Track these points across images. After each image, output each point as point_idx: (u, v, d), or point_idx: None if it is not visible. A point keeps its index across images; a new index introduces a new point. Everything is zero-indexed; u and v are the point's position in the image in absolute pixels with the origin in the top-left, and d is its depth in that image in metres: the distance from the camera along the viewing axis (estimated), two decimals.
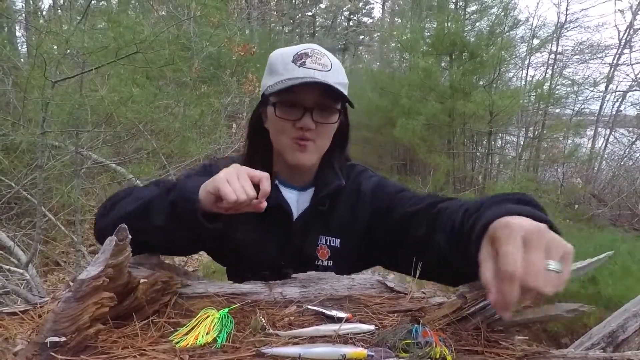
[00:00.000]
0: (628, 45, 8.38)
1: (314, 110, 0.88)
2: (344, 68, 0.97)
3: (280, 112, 0.89)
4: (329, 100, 0.90)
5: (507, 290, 0.45)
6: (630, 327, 0.59)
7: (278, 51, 0.96)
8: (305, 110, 0.88)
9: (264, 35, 9.40)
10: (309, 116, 0.88)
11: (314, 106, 0.88)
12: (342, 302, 0.69)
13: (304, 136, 0.89)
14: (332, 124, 0.92)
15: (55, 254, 3.97)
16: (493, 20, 6.79)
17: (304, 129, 0.88)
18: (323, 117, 0.90)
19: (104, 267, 0.55)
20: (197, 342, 0.56)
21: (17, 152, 3.37)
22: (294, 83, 0.85)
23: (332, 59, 0.92)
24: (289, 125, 0.89)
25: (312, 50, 0.92)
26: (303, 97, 0.88)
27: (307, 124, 0.88)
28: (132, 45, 2.55)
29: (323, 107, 0.89)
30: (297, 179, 0.99)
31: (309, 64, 0.89)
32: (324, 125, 0.90)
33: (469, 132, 7.61)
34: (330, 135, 0.95)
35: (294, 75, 0.88)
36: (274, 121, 0.92)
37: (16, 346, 0.55)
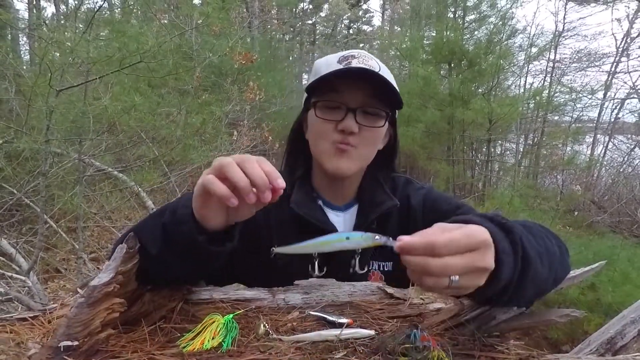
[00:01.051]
0: (625, 53, 8.46)
1: (357, 112, 0.80)
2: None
3: (321, 112, 0.82)
4: (375, 101, 0.81)
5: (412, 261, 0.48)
6: (628, 334, 0.60)
7: (323, 58, 0.89)
8: (348, 111, 0.80)
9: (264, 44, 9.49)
10: (352, 117, 0.80)
11: (358, 107, 0.80)
12: (343, 308, 0.71)
13: (346, 140, 0.80)
14: (377, 127, 0.83)
15: (56, 261, 3.98)
16: (491, 29, 6.86)
17: (345, 132, 0.80)
18: (368, 120, 0.81)
19: (114, 273, 0.57)
20: (204, 347, 0.58)
21: (20, 159, 3.40)
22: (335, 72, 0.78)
23: (380, 64, 0.84)
24: (329, 127, 0.81)
25: (359, 53, 0.85)
26: (347, 96, 0.80)
27: (349, 126, 0.79)
28: (136, 55, 2.59)
29: (368, 109, 0.81)
30: (339, 197, 0.91)
31: (355, 63, 0.80)
32: (369, 129, 0.82)
33: (469, 140, 7.63)
34: (376, 143, 0.85)
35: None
36: (313, 123, 0.84)
37: (29, 350, 0.57)
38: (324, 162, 0.83)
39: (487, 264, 0.49)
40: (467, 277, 0.48)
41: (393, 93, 0.82)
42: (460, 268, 0.47)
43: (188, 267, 0.65)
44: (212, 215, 0.60)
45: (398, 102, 0.84)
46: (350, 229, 0.90)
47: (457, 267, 0.47)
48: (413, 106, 6.77)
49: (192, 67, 4.10)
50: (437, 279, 0.48)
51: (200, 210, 0.60)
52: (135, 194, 3.77)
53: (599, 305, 3.03)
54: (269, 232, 0.89)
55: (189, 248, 0.61)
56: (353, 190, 0.92)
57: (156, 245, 0.62)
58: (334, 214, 0.90)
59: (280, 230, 0.89)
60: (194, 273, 0.70)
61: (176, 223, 0.61)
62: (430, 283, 0.48)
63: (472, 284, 0.49)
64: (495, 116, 6.25)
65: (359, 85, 0.80)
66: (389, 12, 18.87)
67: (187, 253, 0.62)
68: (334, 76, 0.79)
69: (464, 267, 0.47)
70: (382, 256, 0.88)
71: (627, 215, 6.66)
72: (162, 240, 0.62)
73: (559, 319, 0.61)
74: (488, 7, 7.08)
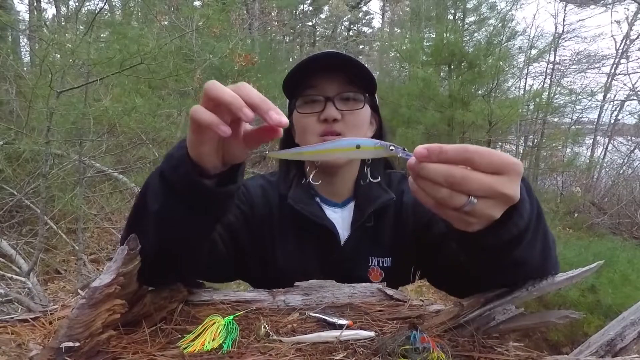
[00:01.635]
0: (625, 55, 8.48)
1: (335, 99, 0.82)
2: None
3: (302, 108, 0.85)
4: (351, 87, 0.83)
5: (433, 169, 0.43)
6: (628, 336, 0.59)
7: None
8: (326, 100, 0.82)
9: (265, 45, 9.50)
10: (332, 105, 0.81)
11: (336, 95, 0.82)
12: (343, 309, 0.72)
13: (331, 129, 0.81)
14: (358, 109, 0.84)
15: (56, 262, 3.98)
16: (491, 31, 6.88)
17: (328, 121, 0.81)
18: (348, 104, 0.83)
19: (116, 275, 0.57)
20: (204, 348, 0.58)
21: (20, 160, 3.41)
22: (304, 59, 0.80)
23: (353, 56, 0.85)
24: (312, 120, 0.83)
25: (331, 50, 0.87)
26: (323, 88, 0.83)
27: (330, 114, 0.81)
28: (137, 57, 2.60)
29: (346, 95, 0.83)
30: (337, 193, 0.91)
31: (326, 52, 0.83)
32: (351, 113, 0.83)
33: (469, 141, 7.64)
34: (362, 126, 0.86)
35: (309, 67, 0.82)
36: (297, 121, 0.86)
37: (30, 351, 0.58)
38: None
39: (512, 191, 0.44)
40: (485, 203, 0.44)
41: (367, 76, 0.83)
42: (485, 186, 0.43)
43: (191, 223, 0.59)
44: (205, 152, 0.53)
45: (373, 85, 0.86)
46: (348, 225, 0.89)
47: (481, 183, 0.43)
48: (413, 108, 6.79)
49: (192, 69, 4.11)
50: (455, 194, 0.43)
51: (193, 149, 0.53)
52: (135, 195, 3.76)
53: (599, 307, 3.03)
54: (270, 232, 0.91)
55: (189, 192, 0.55)
56: (350, 187, 0.92)
57: (157, 200, 0.57)
58: (332, 210, 0.91)
59: (280, 229, 0.90)
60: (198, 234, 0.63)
61: (172, 168, 0.55)
62: (446, 195, 0.43)
63: (489, 212, 0.45)
64: (495, 118, 6.26)
65: (332, 76, 0.82)
66: (389, 14, 18.92)
67: (188, 200, 0.56)
68: (305, 63, 0.81)
69: (488, 187, 0.43)
70: (381, 252, 0.89)
71: (627, 217, 6.66)
72: (162, 192, 0.56)
73: (558, 320, 0.61)
74: (488, 9, 7.11)
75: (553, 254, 0.62)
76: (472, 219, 0.47)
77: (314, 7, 18.42)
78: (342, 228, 0.89)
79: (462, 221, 0.48)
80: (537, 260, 0.57)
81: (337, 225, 0.88)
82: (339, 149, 0.50)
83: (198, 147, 0.52)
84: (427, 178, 0.44)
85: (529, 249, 0.54)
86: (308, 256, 0.87)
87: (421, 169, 0.44)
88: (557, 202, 6.80)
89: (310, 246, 0.88)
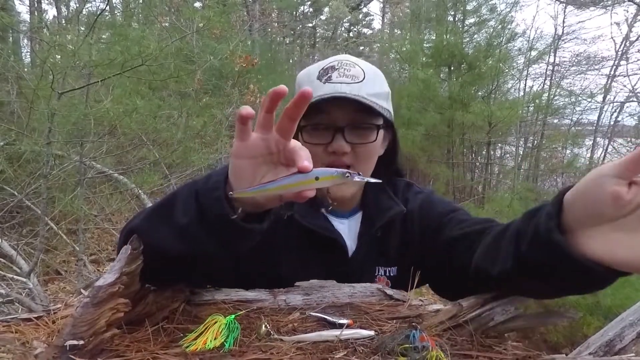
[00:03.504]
0: (625, 56, 8.49)
1: (345, 130, 0.76)
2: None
3: (308, 136, 0.78)
4: (363, 115, 0.77)
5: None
6: (627, 336, 0.60)
7: (305, 70, 0.86)
8: (335, 131, 0.76)
9: (265, 47, 9.53)
10: (341, 137, 0.76)
11: (345, 125, 0.76)
12: (343, 309, 0.72)
13: (340, 162, 0.77)
14: (369, 143, 0.79)
15: (57, 263, 3.99)
16: (491, 32, 6.90)
17: (337, 153, 0.76)
18: (359, 136, 0.78)
19: (119, 274, 0.58)
20: (206, 347, 0.59)
21: (21, 161, 3.41)
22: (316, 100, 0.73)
23: (365, 68, 0.80)
24: (319, 150, 0.77)
25: (339, 62, 0.80)
26: (333, 116, 0.76)
27: (339, 147, 0.75)
28: (138, 58, 2.61)
29: (357, 125, 0.77)
30: (345, 203, 0.88)
31: (335, 78, 0.77)
32: (361, 146, 0.78)
33: (468, 143, 7.66)
34: (373, 156, 0.82)
35: (317, 93, 0.76)
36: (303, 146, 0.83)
37: (35, 350, 0.58)
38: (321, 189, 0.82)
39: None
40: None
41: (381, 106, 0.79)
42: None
43: (211, 244, 0.59)
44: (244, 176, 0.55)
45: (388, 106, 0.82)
46: (355, 235, 0.88)
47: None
48: (413, 109, 6.80)
49: (193, 70, 4.12)
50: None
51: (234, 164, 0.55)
52: (136, 196, 3.78)
53: (598, 308, 3.04)
54: (274, 243, 0.87)
55: (216, 217, 0.56)
56: (357, 197, 0.90)
57: (188, 214, 0.57)
58: (339, 221, 0.89)
59: (287, 244, 0.87)
60: (216, 255, 0.63)
61: (209, 189, 0.57)
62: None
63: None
64: (495, 119, 6.28)
65: (343, 103, 0.76)
66: (389, 16, 18.96)
67: (215, 225, 0.57)
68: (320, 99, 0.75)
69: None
70: (387, 262, 0.88)
71: None
72: (195, 209, 0.57)
73: (557, 320, 0.62)
74: (488, 10, 7.12)
75: None
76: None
77: (314, 8, 18.45)
78: (348, 238, 0.87)
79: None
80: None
81: (344, 236, 0.86)
82: (299, 182, 0.52)
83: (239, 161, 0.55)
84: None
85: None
86: (314, 268, 0.85)
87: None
88: None
89: (316, 258, 0.85)
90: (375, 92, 0.78)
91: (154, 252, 0.61)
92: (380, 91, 0.80)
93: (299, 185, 0.52)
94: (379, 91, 0.79)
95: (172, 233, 0.59)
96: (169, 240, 0.59)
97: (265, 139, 0.55)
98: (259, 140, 0.55)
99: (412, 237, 0.87)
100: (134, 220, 0.67)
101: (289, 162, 0.55)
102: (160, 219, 0.62)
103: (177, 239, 0.59)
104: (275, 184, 0.53)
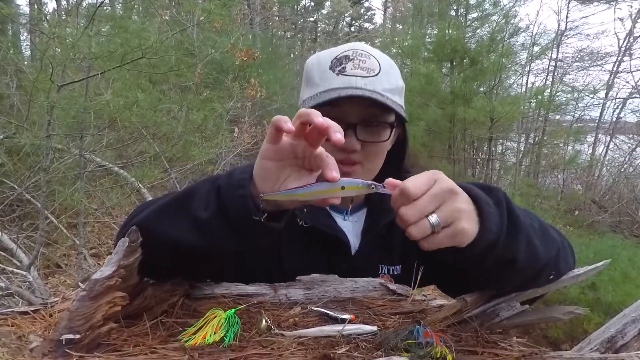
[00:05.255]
0: (628, 52, 8.44)
1: (358, 127, 0.74)
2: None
3: None
4: (377, 112, 0.75)
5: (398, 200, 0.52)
6: (629, 333, 0.60)
7: (315, 56, 0.81)
8: (347, 127, 0.72)
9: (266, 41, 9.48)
10: (352, 134, 0.73)
11: (358, 122, 0.74)
12: (345, 304, 0.71)
13: (349, 159, 0.75)
14: (381, 142, 0.77)
15: (57, 256, 3.99)
16: (494, 27, 6.84)
17: (347, 151, 0.74)
18: (370, 134, 0.75)
19: (116, 267, 0.57)
20: (205, 341, 0.58)
21: (21, 154, 3.40)
22: (331, 97, 0.71)
23: (380, 59, 0.77)
24: (328, 146, 0.75)
25: (354, 51, 0.76)
26: (345, 110, 0.74)
27: (350, 145, 0.73)
28: (138, 51, 2.59)
29: (370, 122, 0.75)
30: (347, 201, 0.83)
31: (349, 70, 0.74)
32: (372, 144, 0.76)
33: (470, 138, 7.63)
34: (383, 153, 0.80)
35: (332, 86, 0.74)
36: None
37: (31, 343, 0.57)
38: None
39: (460, 202, 0.52)
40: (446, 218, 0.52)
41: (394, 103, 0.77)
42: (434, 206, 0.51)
43: (230, 240, 0.60)
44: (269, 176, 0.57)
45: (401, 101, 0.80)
46: (358, 233, 0.87)
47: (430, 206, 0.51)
48: (414, 104, 6.77)
49: (193, 64, 4.09)
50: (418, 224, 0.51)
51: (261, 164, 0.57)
52: (136, 190, 3.77)
53: (599, 304, 3.03)
54: (280, 245, 0.86)
55: (239, 214, 0.57)
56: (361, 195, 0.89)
57: (209, 209, 0.58)
58: (342, 218, 0.88)
59: (290, 241, 0.85)
60: (231, 251, 0.64)
61: (232, 186, 0.58)
62: (414, 232, 0.51)
63: (455, 227, 0.52)
64: (497, 115, 6.24)
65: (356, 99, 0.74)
66: (391, 10, 18.83)
67: (235, 220, 0.58)
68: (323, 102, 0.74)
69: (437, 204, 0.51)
70: (391, 260, 0.87)
71: (628, 215, 6.66)
72: (216, 205, 0.58)
73: (563, 316, 0.61)
74: (491, 5, 7.06)
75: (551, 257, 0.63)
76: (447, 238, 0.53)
77: (316, 2, 18.34)
78: (352, 236, 0.86)
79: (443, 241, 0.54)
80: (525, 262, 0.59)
81: (348, 234, 0.85)
82: (327, 190, 0.56)
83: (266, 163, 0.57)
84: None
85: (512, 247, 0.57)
86: (316, 266, 0.82)
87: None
88: (558, 200, 6.79)
89: (320, 255, 0.84)
90: (391, 87, 0.76)
91: (166, 245, 0.61)
92: (395, 86, 0.77)
93: (327, 193, 0.56)
94: (394, 86, 0.77)
95: (190, 226, 0.59)
96: (186, 233, 0.60)
97: (294, 145, 0.57)
98: (288, 144, 0.57)
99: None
100: (141, 215, 0.67)
101: (314, 168, 0.58)
102: (177, 213, 0.62)
103: (195, 232, 0.59)
104: (304, 190, 0.56)
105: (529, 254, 0.59)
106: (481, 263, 0.58)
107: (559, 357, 0.56)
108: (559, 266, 0.64)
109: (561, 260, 0.65)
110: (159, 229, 0.62)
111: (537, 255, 0.60)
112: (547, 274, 0.63)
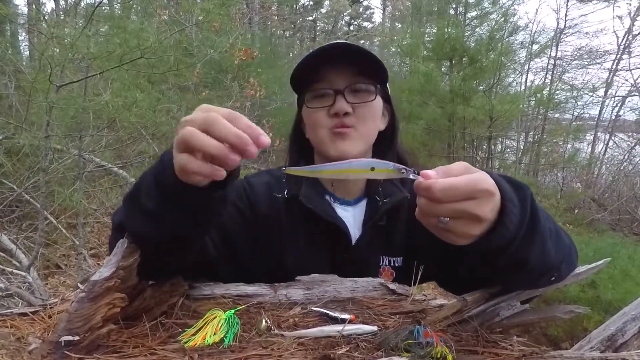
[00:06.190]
0: (627, 50, 8.44)
1: (345, 92, 0.80)
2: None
3: (311, 103, 0.83)
4: (361, 78, 0.81)
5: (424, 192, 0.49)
6: (629, 331, 0.60)
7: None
8: (336, 93, 0.80)
9: (265, 40, 9.46)
10: (342, 98, 0.80)
11: (345, 87, 0.80)
12: (345, 304, 0.71)
13: (343, 123, 0.80)
14: (369, 102, 0.82)
15: (56, 257, 3.98)
16: (493, 26, 6.85)
17: (339, 115, 0.80)
18: (358, 97, 0.81)
19: (115, 268, 0.56)
20: (205, 342, 0.58)
21: (20, 155, 3.40)
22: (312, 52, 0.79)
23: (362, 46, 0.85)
24: (322, 114, 0.81)
25: (335, 42, 0.84)
26: (332, 81, 0.81)
27: (341, 107, 0.79)
28: (137, 51, 2.58)
29: (356, 87, 0.81)
30: (348, 191, 0.89)
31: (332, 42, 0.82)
32: (362, 106, 0.81)
33: (469, 137, 7.64)
34: (374, 118, 0.84)
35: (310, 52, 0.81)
36: (308, 116, 0.85)
37: (30, 345, 0.57)
38: (327, 150, 0.82)
39: (482, 212, 0.49)
40: (458, 222, 0.50)
41: (377, 66, 0.81)
42: (450, 211, 0.49)
43: (184, 221, 0.59)
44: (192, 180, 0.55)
45: (384, 75, 0.84)
46: (359, 223, 0.87)
47: (445, 210, 0.49)
48: (414, 103, 6.77)
49: (192, 64, 4.08)
50: (427, 217, 0.51)
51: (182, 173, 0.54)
52: None
53: (599, 302, 3.04)
54: (278, 231, 0.88)
55: (180, 192, 0.55)
56: (361, 185, 0.90)
57: (153, 198, 0.57)
58: (342, 208, 0.88)
59: (289, 228, 0.87)
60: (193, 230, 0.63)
61: (164, 168, 0.56)
62: (422, 220, 0.52)
63: (463, 230, 0.50)
64: (496, 113, 6.25)
65: (341, 68, 0.80)
66: (390, 9, 18.82)
67: (181, 200, 0.56)
68: (313, 54, 0.80)
69: (454, 211, 0.49)
70: (392, 251, 0.87)
71: (627, 213, 6.67)
72: (156, 191, 0.57)
73: (564, 316, 0.60)
74: (490, 3, 7.07)
75: (559, 255, 0.62)
76: (451, 236, 0.52)
77: (315, 1, 18.32)
78: (353, 227, 0.87)
79: (444, 237, 0.53)
80: (535, 265, 0.59)
81: (348, 224, 0.86)
82: (354, 169, 0.53)
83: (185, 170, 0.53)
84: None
85: (526, 250, 0.56)
86: (318, 256, 0.85)
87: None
88: (558, 198, 6.80)
89: (321, 246, 0.85)
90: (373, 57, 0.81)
91: (138, 242, 0.61)
92: (378, 58, 0.82)
93: (354, 172, 0.53)
94: (376, 58, 0.82)
95: (144, 220, 0.59)
96: (145, 228, 0.59)
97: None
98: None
99: (419, 228, 0.86)
100: (117, 215, 0.67)
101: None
102: (132, 210, 0.62)
103: (150, 225, 0.59)
104: (330, 167, 0.53)
105: (541, 257, 0.59)
106: (493, 261, 0.58)
107: (559, 357, 0.55)
108: (563, 270, 0.65)
109: (566, 264, 0.65)
110: (129, 229, 0.61)
111: (548, 258, 0.60)
112: (550, 276, 0.63)
